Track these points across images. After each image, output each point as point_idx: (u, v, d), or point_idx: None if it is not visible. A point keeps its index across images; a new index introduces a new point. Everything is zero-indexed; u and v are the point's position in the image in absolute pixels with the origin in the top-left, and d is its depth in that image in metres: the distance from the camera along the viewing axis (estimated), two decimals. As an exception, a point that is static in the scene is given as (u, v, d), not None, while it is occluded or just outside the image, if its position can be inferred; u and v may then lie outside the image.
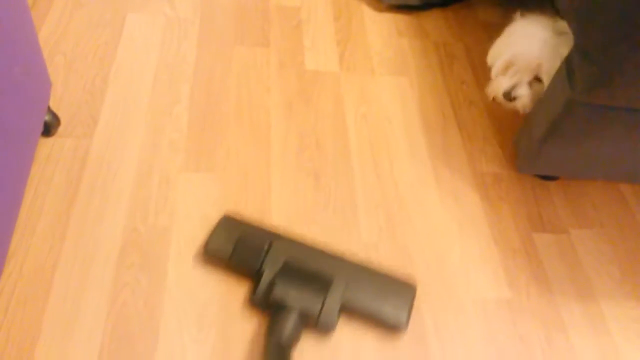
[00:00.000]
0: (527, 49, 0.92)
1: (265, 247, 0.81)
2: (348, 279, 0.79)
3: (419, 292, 0.84)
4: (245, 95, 1.08)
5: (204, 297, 0.79)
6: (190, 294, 0.79)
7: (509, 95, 0.95)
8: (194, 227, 0.87)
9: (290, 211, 0.91)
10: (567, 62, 0.85)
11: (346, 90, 1.12)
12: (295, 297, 0.75)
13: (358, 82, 1.14)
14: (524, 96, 0.95)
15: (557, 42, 0.91)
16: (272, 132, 1.02)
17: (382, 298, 0.78)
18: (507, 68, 0.96)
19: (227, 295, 0.80)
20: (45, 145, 0.93)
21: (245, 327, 0.77)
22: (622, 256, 0.93)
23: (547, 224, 0.95)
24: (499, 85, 0.97)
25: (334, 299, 0.76)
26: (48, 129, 0.93)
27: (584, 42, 0.81)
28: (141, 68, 1.09)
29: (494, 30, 1.29)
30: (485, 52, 1.24)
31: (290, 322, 0.73)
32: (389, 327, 0.79)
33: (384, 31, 1.25)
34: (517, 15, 0.99)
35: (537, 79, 0.94)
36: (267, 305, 0.77)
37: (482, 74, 1.19)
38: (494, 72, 0.98)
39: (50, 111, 0.93)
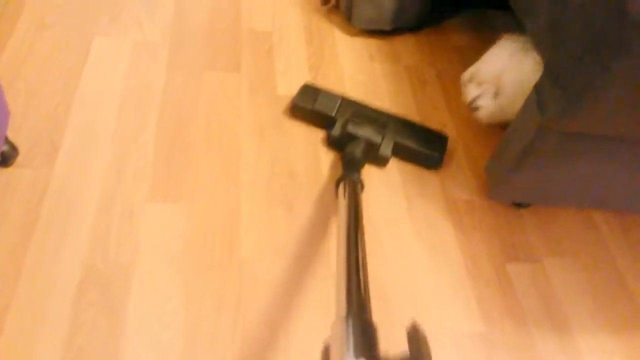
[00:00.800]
0: (490, 62, 0.99)
1: (338, 100, 1.07)
2: (398, 126, 1.05)
3: (394, 323, 0.81)
4: (215, 122, 1.05)
5: (167, 339, 0.76)
6: (151, 334, 0.76)
7: (471, 104, 1.01)
8: (158, 263, 0.83)
9: (261, 242, 0.88)
10: (537, 89, 0.85)
11: (318, 116, 1.10)
12: (363, 131, 1.00)
13: (330, 107, 1.12)
14: (484, 107, 1.00)
15: (523, 58, 0.95)
16: (242, 160, 1.00)
17: (423, 140, 1.03)
18: (471, 79, 1.02)
19: (193, 334, 0.77)
20: (2, 177, 0.89)
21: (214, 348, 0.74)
22: (596, 285, 0.92)
23: (520, 253, 0.94)
24: (466, 94, 1.02)
25: (389, 136, 1.02)
26: (5, 160, 0.89)
27: (552, 68, 0.81)
28: (107, 94, 1.05)
29: (465, 54, 1.30)
30: (456, 76, 1.24)
31: (360, 147, 0.97)
32: (428, 161, 1.03)
33: (356, 55, 1.24)
34: (502, 36, 1.04)
35: (501, 92, 0.97)
36: (340, 142, 1.01)
37: (454, 98, 1.19)
38: (461, 81, 1.05)
39: (7, 141, 0.89)
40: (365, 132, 1.00)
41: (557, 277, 0.92)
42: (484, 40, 1.34)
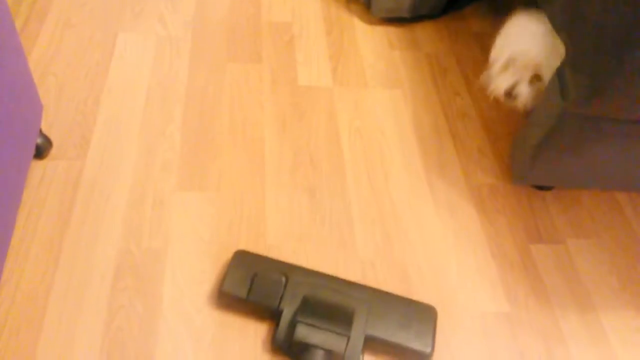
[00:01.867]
0: (526, 47, 0.91)
1: (283, 281, 0.79)
2: (369, 310, 0.77)
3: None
4: (239, 113, 1.07)
5: (200, 321, 0.79)
6: (186, 318, 0.79)
7: (509, 94, 0.94)
8: (188, 249, 0.86)
9: (285, 228, 0.91)
10: (559, 74, 0.85)
11: (339, 104, 1.12)
12: (319, 336, 0.73)
13: (351, 96, 1.14)
14: (523, 94, 0.94)
15: (556, 39, 0.89)
16: (266, 149, 1.02)
17: (405, 326, 0.77)
18: (506, 66, 0.95)
19: (224, 318, 0.79)
20: (38, 168, 0.93)
21: (244, 348, 0.77)
22: (620, 265, 0.92)
23: (544, 235, 0.95)
24: (499, 84, 0.95)
25: (357, 334, 0.74)
26: (40, 152, 0.93)
27: (574, 54, 0.81)
28: (133, 88, 1.08)
29: (486, 40, 1.30)
30: (477, 63, 1.25)
31: None
32: (415, 355, 0.76)
33: (376, 44, 1.25)
34: (516, 11, 0.97)
35: (537, 77, 0.93)
36: (289, 346, 0.74)
37: (475, 84, 1.19)
38: (493, 71, 0.97)
39: (42, 134, 0.93)
40: (322, 337, 0.73)
41: (580, 258, 0.92)
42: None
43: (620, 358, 0.81)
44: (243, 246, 0.87)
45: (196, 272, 0.84)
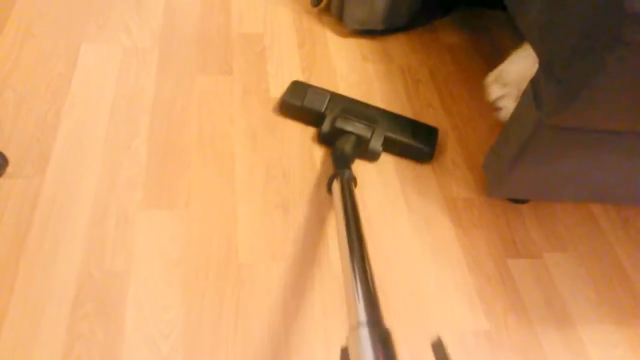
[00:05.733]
0: (515, 65, 0.98)
1: (327, 96, 1.06)
2: (388, 120, 1.04)
3: (394, 326, 0.80)
4: (208, 126, 1.04)
5: (167, 348, 0.74)
6: (151, 345, 0.74)
7: (493, 104, 1.02)
8: (153, 270, 0.81)
9: (258, 247, 0.87)
10: (533, 85, 0.85)
11: (312, 117, 1.09)
12: (352, 125, 1.00)
13: (324, 108, 1.11)
14: (506, 108, 1.00)
15: None
16: (236, 164, 0.98)
17: (414, 134, 1.03)
18: (497, 77, 1.02)
19: (193, 343, 0.75)
20: (-8, 187, 0.87)
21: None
22: (598, 278, 0.92)
23: (521, 249, 0.93)
24: (490, 92, 1.03)
25: (379, 131, 1.01)
26: (-5, 170, 0.87)
27: (548, 61, 0.81)
28: (97, 101, 1.04)
29: (458, 53, 1.30)
30: (450, 75, 1.24)
31: (350, 142, 0.97)
32: (420, 154, 1.03)
33: (349, 56, 1.24)
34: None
35: None
36: (330, 138, 1.01)
37: (448, 97, 1.18)
38: (488, 80, 1.06)
39: (-3, 151, 0.87)
40: (355, 127, 1.00)
41: (558, 271, 0.91)
42: (476, 39, 1.34)
43: (600, 374, 0.80)
44: (214, 266, 0.83)
45: (162, 295, 0.79)
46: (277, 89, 1.13)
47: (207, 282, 0.81)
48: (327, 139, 1.02)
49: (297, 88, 1.08)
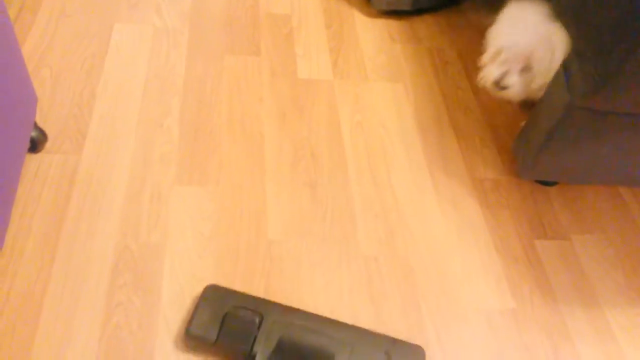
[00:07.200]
0: (517, 37, 0.89)
1: (257, 322, 0.71)
2: (351, 352, 0.70)
3: (421, 306, 0.82)
4: (237, 106, 1.05)
5: (201, 317, 0.77)
6: (185, 313, 0.77)
7: (498, 84, 0.92)
8: (188, 244, 0.84)
9: (286, 224, 0.89)
10: (565, 67, 0.84)
11: (340, 98, 1.10)
12: None
13: (352, 89, 1.12)
14: (513, 85, 0.92)
15: (549, 29, 0.87)
16: (265, 143, 1.00)
17: None
18: (496, 56, 0.93)
19: (225, 313, 0.78)
20: (33, 162, 0.90)
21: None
22: (625, 261, 0.92)
23: (548, 230, 0.94)
24: (488, 74, 0.93)
25: None
26: (35, 146, 0.90)
27: (581, 46, 0.80)
28: (130, 80, 1.06)
29: (486, 33, 1.28)
30: (478, 56, 1.23)
31: None
32: None
33: (377, 37, 1.24)
34: (511, 1, 0.95)
35: (527, 68, 0.91)
36: None
37: (476, 78, 1.18)
38: (483, 60, 0.95)
39: (36, 127, 0.90)
40: None
41: (585, 253, 0.91)
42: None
43: (627, 355, 0.80)
44: (244, 242, 0.86)
45: (196, 268, 0.82)
46: (305, 70, 1.14)
47: (238, 257, 0.84)
48: None
49: (214, 302, 0.73)
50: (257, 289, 0.81)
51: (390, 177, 0.98)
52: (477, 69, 1.20)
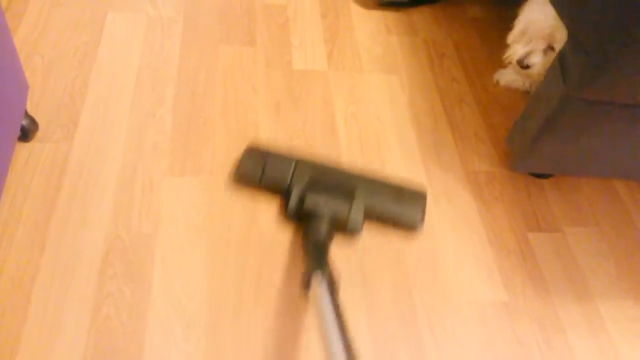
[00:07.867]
0: (541, 17, 0.94)
1: (292, 166, 0.88)
2: (368, 188, 0.87)
3: (413, 296, 0.81)
4: (232, 96, 1.04)
5: (192, 308, 0.76)
6: (176, 304, 0.76)
7: (522, 62, 0.97)
8: (179, 234, 0.84)
9: (279, 216, 0.88)
10: (561, 57, 0.83)
11: (335, 89, 1.09)
12: (325, 205, 0.82)
13: (347, 80, 1.11)
14: (536, 64, 0.96)
15: None
16: (260, 134, 0.99)
17: (399, 202, 0.87)
18: (522, 35, 0.98)
19: (216, 304, 0.77)
20: (23, 151, 0.90)
21: (237, 335, 0.75)
22: (618, 254, 0.91)
23: (542, 223, 0.93)
24: (514, 52, 0.99)
25: (358, 204, 0.84)
26: (26, 134, 0.90)
27: (577, 35, 0.79)
28: (123, 69, 1.05)
29: (483, 26, 1.28)
30: (475, 49, 1.23)
31: (324, 226, 0.80)
32: (407, 226, 0.87)
33: (373, 29, 1.23)
34: None
35: (551, 48, 0.95)
36: (299, 217, 0.84)
37: (472, 71, 1.17)
38: (510, 39, 1.01)
39: (27, 115, 0.89)
40: (328, 204, 0.83)
41: (579, 246, 0.91)
42: (502, 12, 1.31)
43: (619, 347, 0.80)
44: (236, 232, 0.85)
45: (187, 257, 0.81)
46: (301, 61, 1.13)
47: (229, 248, 0.83)
48: (296, 218, 0.85)
49: (254, 155, 0.90)
50: (249, 278, 0.80)
51: (384, 169, 0.97)
52: (473, 61, 1.19)
